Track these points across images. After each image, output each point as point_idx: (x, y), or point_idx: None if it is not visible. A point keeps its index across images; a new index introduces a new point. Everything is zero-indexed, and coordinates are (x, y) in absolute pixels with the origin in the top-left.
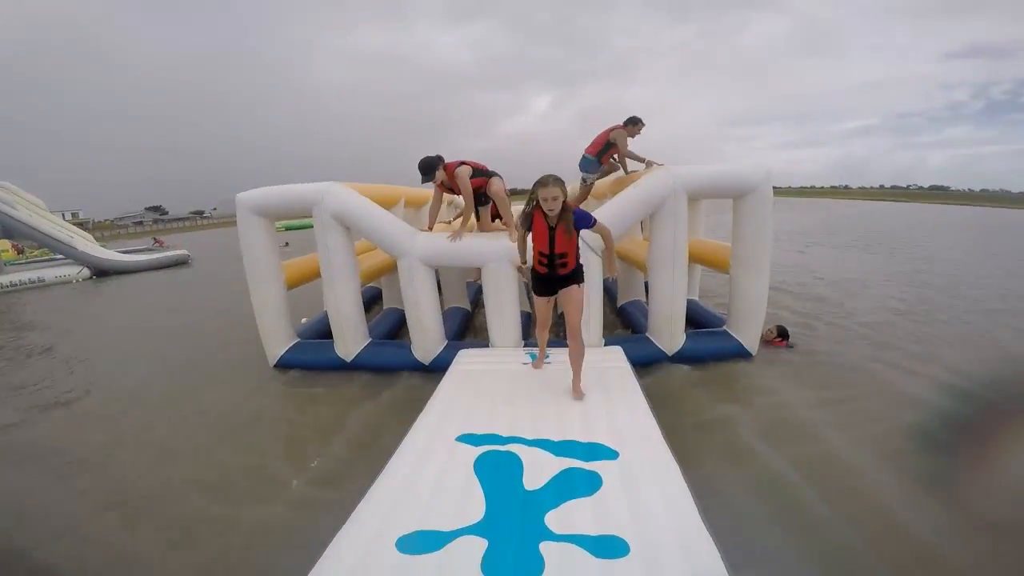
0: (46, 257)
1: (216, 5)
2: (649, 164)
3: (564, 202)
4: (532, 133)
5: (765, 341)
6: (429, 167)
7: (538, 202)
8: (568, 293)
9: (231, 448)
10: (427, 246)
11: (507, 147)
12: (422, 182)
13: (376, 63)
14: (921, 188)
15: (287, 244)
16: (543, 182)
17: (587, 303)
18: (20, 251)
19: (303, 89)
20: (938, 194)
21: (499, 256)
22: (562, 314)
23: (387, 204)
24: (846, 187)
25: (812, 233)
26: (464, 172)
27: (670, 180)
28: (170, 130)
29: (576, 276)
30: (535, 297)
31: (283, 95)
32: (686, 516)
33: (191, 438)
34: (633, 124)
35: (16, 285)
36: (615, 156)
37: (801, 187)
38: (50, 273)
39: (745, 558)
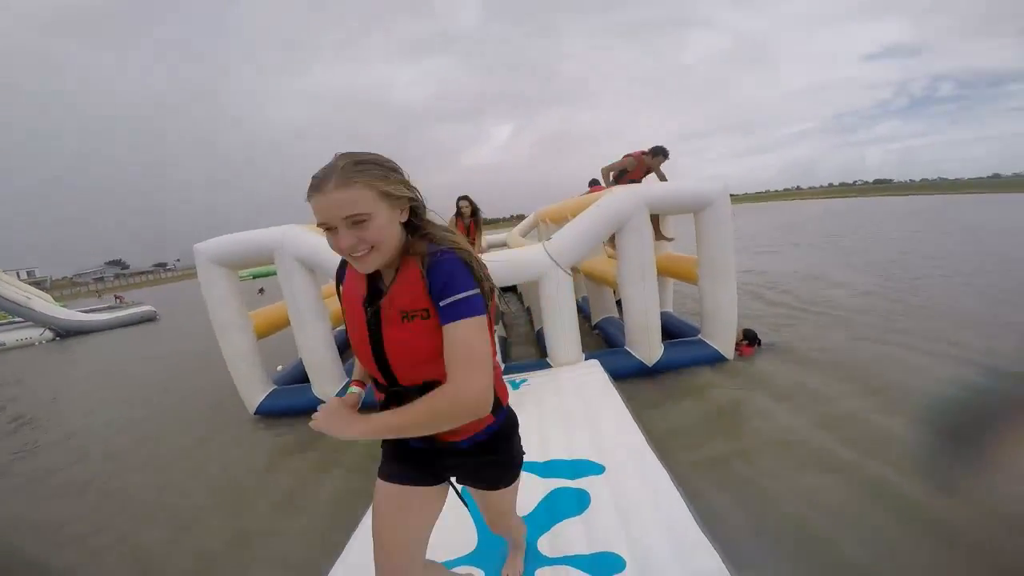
0: (4, 320)
1: (170, 51)
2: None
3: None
4: (495, 163)
5: (737, 347)
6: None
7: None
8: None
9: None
10: None
11: (471, 179)
12: None
13: (334, 102)
14: (867, 183)
15: (262, 291)
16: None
17: (562, 319)
18: None
19: (262, 132)
20: (883, 187)
21: None
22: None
23: None
24: (798, 188)
25: (770, 236)
26: None
27: (632, 196)
28: (128, 179)
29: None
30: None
31: (242, 139)
32: (679, 521)
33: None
34: (653, 155)
35: None
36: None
37: (757, 192)
38: (10, 337)
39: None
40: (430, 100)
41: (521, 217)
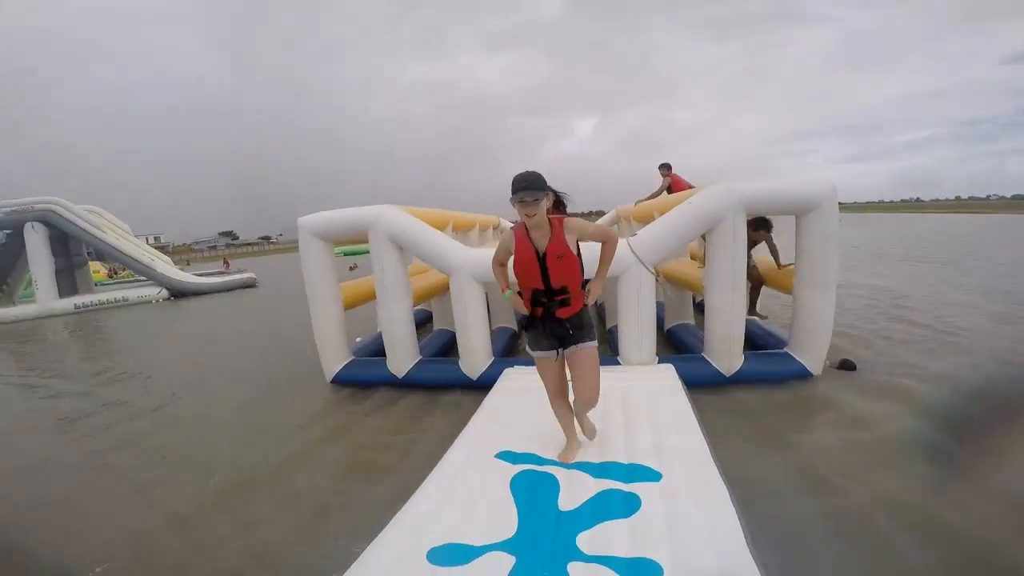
0: (132, 279)
1: (280, 46)
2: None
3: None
4: (577, 157)
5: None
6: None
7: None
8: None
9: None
10: (477, 263)
11: (553, 171)
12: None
13: (426, 94)
14: (1003, 198)
15: (354, 267)
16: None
17: (639, 318)
18: (114, 273)
19: (362, 120)
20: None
21: None
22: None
23: (437, 227)
24: (918, 200)
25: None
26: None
27: (728, 196)
28: (241, 160)
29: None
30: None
31: (343, 126)
32: (730, 543)
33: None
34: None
35: (103, 303)
36: None
37: (868, 202)
38: (133, 293)
39: None
40: (513, 93)
41: (600, 213)
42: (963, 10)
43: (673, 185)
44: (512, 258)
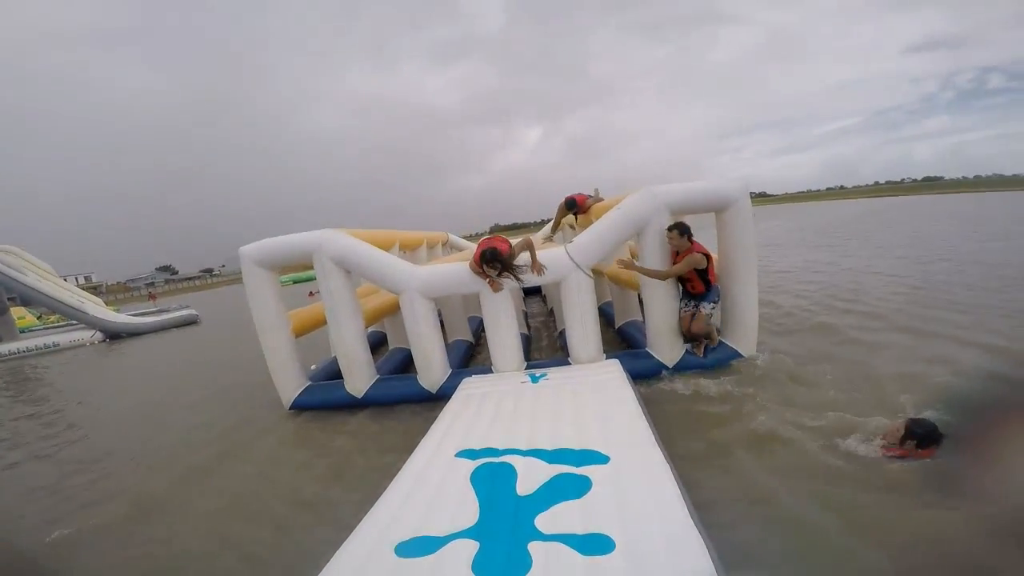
0: (62, 323)
1: (208, 55)
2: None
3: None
4: (526, 166)
5: (886, 447)
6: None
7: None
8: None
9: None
10: (425, 279)
11: (502, 182)
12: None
13: (368, 108)
14: (915, 181)
15: (312, 293)
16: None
17: (583, 319)
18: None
19: (301, 137)
20: (933, 185)
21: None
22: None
23: (383, 247)
24: (842, 187)
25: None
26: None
27: (651, 199)
28: (174, 188)
29: None
30: None
31: (282, 144)
32: (674, 515)
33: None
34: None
35: (31, 350)
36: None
37: (797, 192)
38: (64, 338)
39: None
40: (458, 103)
41: (547, 221)
42: (863, 5)
43: (580, 204)
44: None
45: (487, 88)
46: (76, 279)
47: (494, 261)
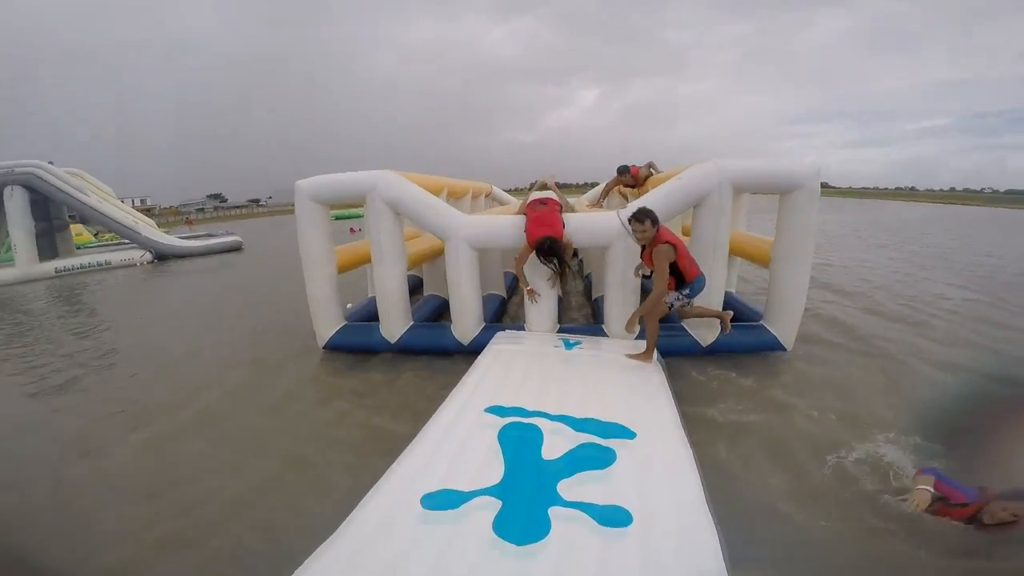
0: (115, 241)
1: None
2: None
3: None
4: (578, 127)
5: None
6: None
7: None
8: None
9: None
10: (473, 229)
11: (552, 141)
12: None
13: (426, 55)
14: (996, 191)
15: (353, 230)
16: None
17: (623, 291)
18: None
19: (359, 77)
20: (1016, 197)
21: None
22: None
23: (433, 193)
24: (912, 189)
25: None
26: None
27: (716, 173)
28: (230, 118)
29: None
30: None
31: (339, 83)
32: (690, 495)
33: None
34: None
35: (85, 267)
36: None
37: (863, 188)
38: (116, 256)
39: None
40: (516, 59)
41: (594, 184)
42: (986, 4)
43: (633, 174)
44: None
45: (548, 45)
46: (132, 201)
47: (551, 254)
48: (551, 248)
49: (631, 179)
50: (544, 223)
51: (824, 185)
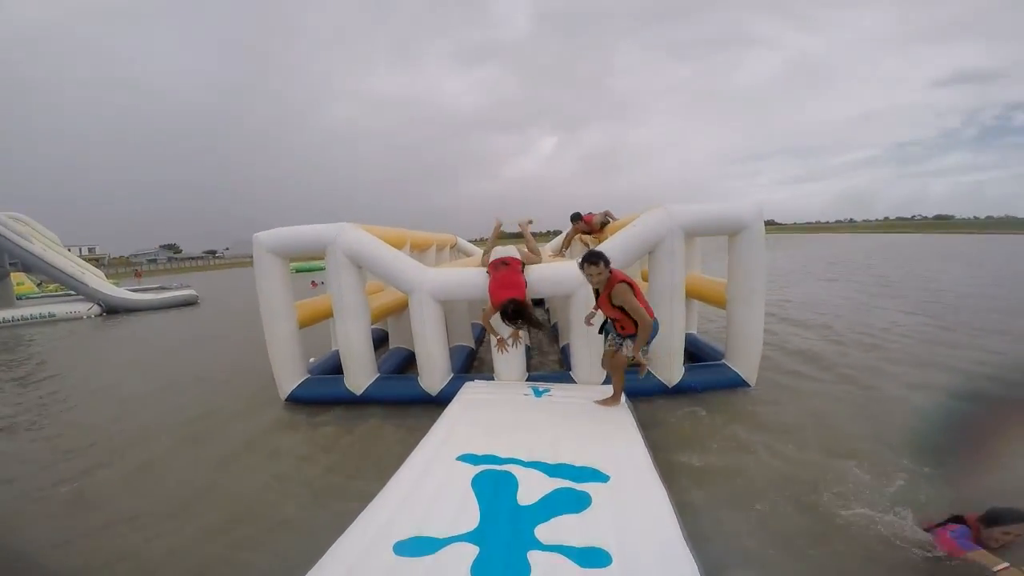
0: (60, 292)
1: (235, 40)
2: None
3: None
4: (538, 175)
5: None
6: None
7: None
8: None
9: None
10: (437, 281)
11: (513, 191)
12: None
13: (388, 107)
14: (926, 218)
15: (314, 284)
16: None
17: (589, 339)
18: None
19: (318, 129)
20: (943, 223)
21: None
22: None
23: (395, 246)
24: (851, 220)
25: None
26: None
27: (667, 219)
28: (186, 166)
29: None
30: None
31: (298, 135)
32: (668, 533)
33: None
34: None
35: (27, 319)
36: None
37: (807, 223)
38: (61, 309)
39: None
40: (476, 110)
41: (557, 232)
42: (894, 35)
43: (587, 222)
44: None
45: (506, 95)
46: (80, 250)
47: (517, 318)
48: (516, 312)
49: (586, 226)
50: (506, 284)
51: (771, 222)
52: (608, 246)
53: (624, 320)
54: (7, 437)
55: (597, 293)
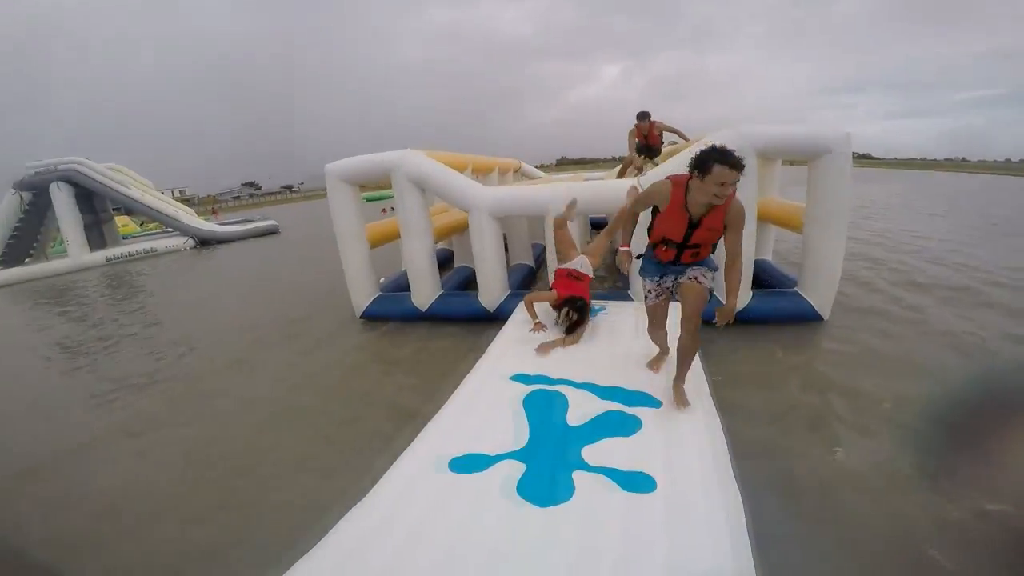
0: (159, 230)
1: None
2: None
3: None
4: (601, 102)
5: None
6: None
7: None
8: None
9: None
10: (494, 200)
11: (576, 117)
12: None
13: (448, 40)
14: None
15: (385, 210)
16: (723, 157)
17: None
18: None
19: (384, 69)
20: None
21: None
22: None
23: (457, 170)
24: (964, 159)
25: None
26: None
27: (737, 139)
28: (262, 111)
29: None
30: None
31: (364, 76)
32: (718, 465)
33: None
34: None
35: (133, 255)
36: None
37: (909, 159)
38: (161, 244)
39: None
40: (536, 36)
41: (622, 159)
42: None
43: (650, 135)
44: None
45: (569, 22)
46: (172, 192)
47: (575, 315)
48: (579, 309)
49: (647, 127)
50: (576, 289)
51: (866, 156)
52: (670, 167)
53: (705, 247)
54: (139, 341)
55: (655, 210)
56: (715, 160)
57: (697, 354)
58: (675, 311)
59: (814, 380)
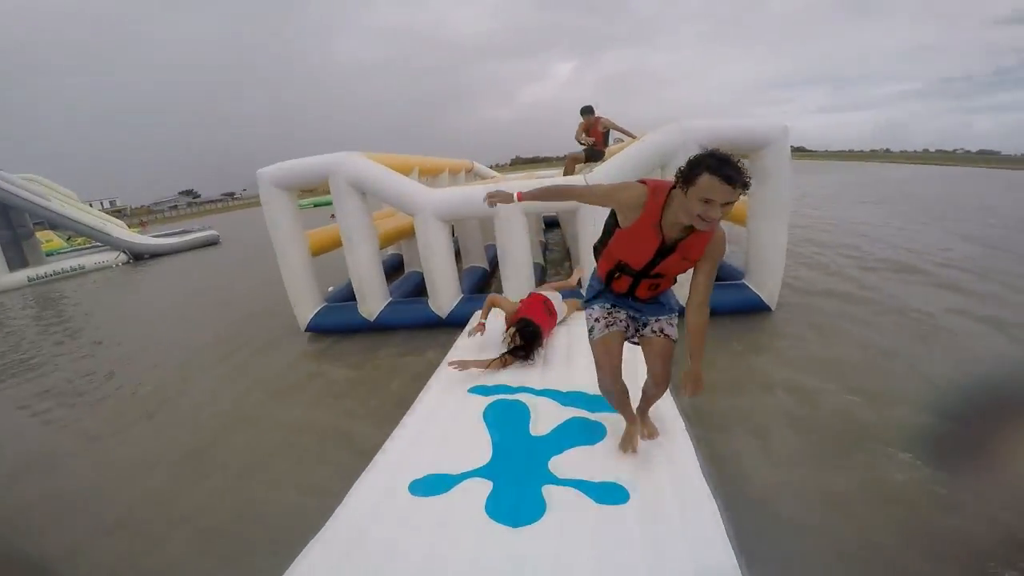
0: (86, 245)
1: None
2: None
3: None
4: (554, 100)
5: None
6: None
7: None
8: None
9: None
10: (440, 202)
11: (530, 115)
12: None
13: (398, 40)
14: (968, 152)
15: (334, 215)
16: (718, 166)
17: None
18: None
19: (329, 68)
20: (988, 158)
21: (511, 206)
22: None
23: (402, 172)
24: (887, 151)
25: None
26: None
27: (680, 133)
28: (199, 116)
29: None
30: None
31: (308, 75)
32: (687, 469)
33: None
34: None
35: (59, 273)
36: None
37: (839, 151)
38: (89, 260)
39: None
40: (488, 35)
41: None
42: None
43: (593, 131)
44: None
45: (521, 21)
46: (100, 204)
47: (520, 336)
48: (530, 335)
49: (593, 122)
50: (540, 314)
51: (801, 149)
52: (616, 162)
53: (668, 280)
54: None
55: (614, 223)
56: (705, 168)
57: None
58: (634, 353)
59: (770, 373)
